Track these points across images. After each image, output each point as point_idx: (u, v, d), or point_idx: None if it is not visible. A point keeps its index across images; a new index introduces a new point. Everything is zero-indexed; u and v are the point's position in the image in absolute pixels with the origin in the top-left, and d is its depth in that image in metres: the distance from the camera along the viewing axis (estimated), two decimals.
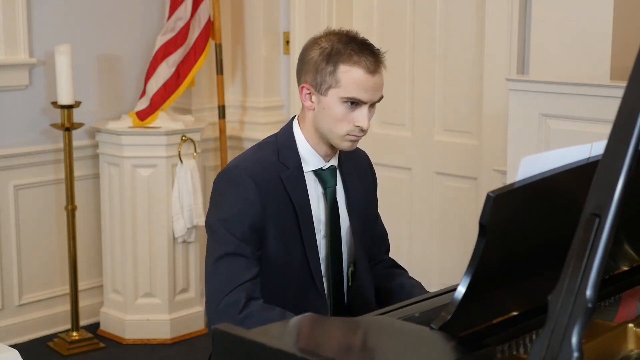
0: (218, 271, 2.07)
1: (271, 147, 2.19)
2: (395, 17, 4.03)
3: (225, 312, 2.02)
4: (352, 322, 1.57)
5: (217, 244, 2.10)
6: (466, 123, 3.82)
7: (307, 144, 2.18)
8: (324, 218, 2.21)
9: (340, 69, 2.08)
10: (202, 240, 4.29)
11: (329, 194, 2.21)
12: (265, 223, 2.10)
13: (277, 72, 4.44)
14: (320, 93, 2.11)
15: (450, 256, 3.91)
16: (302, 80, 2.16)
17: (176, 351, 4.05)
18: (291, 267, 2.15)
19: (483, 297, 1.47)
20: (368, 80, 2.08)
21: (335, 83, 2.09)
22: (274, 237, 2.12)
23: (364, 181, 2.34)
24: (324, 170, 2.21)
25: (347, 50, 2.08)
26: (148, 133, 4.03)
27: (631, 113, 1.13)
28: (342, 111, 2.10)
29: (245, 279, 2.04)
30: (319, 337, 1.53)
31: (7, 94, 3.95)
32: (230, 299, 2.02)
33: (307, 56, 2.14)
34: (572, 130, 2.93)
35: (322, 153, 2.19)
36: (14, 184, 4.00)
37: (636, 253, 1.83)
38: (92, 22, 4.17)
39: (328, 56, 2.09)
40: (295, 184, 2.15)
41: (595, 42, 3.21)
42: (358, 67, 2.08)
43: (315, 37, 2.16)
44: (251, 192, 2.08)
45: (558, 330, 1.10)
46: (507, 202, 1.37)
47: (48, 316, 4.16)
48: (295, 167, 2.16)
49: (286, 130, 2.21)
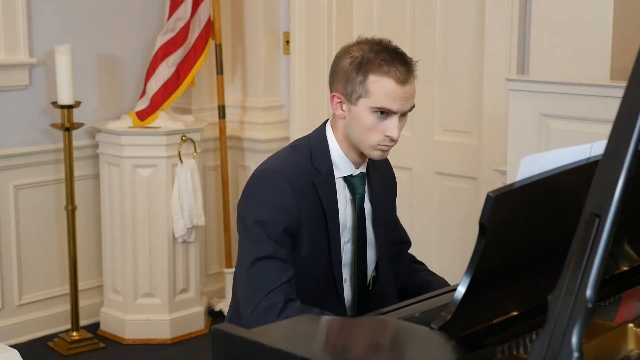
0: (254, 274, 2.06)
1: (304, 150, 2.18)
2: (395, 17, 4.03)
3: (264, 315, 2.01)
4: (352, 322, 1.57)
5: (253, 246, 2.09)
6: (466, 123, 3.82)
7: (340, 150, 2.18)
8: (349, 224, 2.21)
9: (370, 79, 2.07)
10: (202, 240, 4.29)
11: (358, 201, 2.21)
12: (299, 226, 2.10)
13: (277, 72, 4.44)
14: (350, 102, 2.11)
15: (450, 256, 3.91)
16: (334, 89, 2.16)
17: (176, 351, 4.05)
18: (316, 270, 2.15)
19: (483, 297, 1.47)
20: (398, 90, 2.07)
21: (365, 93, 2.08)
22: (305, 240, 2.12)
23: (388, 188, 2.35)
24: (354, 177, 2.21)
25: (377, 60, 2.07)
26: (148, 133, 4.03)
27: (631, 113, 1.13)
28: (372, 121, 2.09)
29: (282, 281, 2.05)
30: (319, 337, 1.53)
31: (7, 94, 3.95)
32: (269, 302, 2.02)
33: (339, 65, 2.14)
34: (572, 130, 2.93)
35: (353, 160, 2.19)
36: (14, 184, 4.00)
37: (636, 253, 1.83)
38: (92, 22, 4.17)
39: (359, 65, 2.08)
40: (326, 189, 2.15)
41: (595, 42, 3.21)
42: (388, 77, 2.07)
43: (348, 45, 2.16)
44: (288, 196, 2.08)
45: (558, 330, 1.10)
46: (507, 202, 1.37)
47: (48, 316, 4.16)
48: (327, 173, 2.16)
49: (319, 134, 2.21)
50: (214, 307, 4.41)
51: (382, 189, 2.30)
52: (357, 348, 1.49)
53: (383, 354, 1.42)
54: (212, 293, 4.47)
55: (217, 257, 4.56)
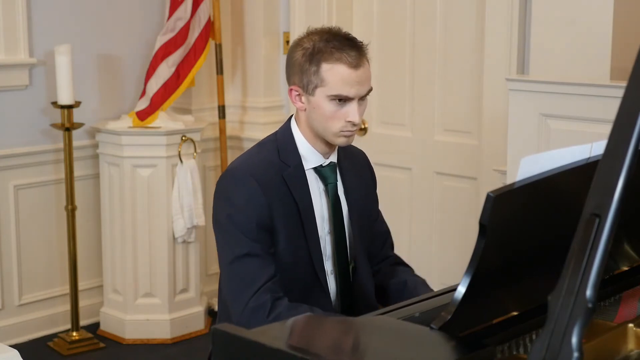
0: (235, 273, 2.09)
1: (271, 147, 2.21)
2: (395, 17, 4.03)
3: (253, 316, 2.04)
4: (352, 322, 1.57)
5: (230, 245, 2.12)
6: (466, 123, 3.82)
7: (306, 142, 2.20)
8: (327, 214, 2.23)
9: (323, 67, 2.10)
10: (202, 240, 4.29)
11: (331, 190, 2.23)
12: (273, 222, 2.12)
13: (277, 72, 4.44)
14: (308, 93, 2.14)
15: (450, 256, 3.91)
16: (291, 82, 2.19)
17: (176, 351, 4.05)
18: (297, 264, 2.17)
19: (483, 297, 1.47)
20: (352, 75, 2.09)
21: (321, 82, 2.11)
22: (282, 235, 2.14)
23: (362, 178, 2.36)
24: (324, 167, 2.23)
25: (328, 48, 2.10)
26: (148, 133, 4.03)
27: (631, 113, 1.13)
28: (331, 109, 2.11)
29: (265, 280, 2.07)
30: (318, 337, 1.53)
31: (7, 94, 3.95)
32: (256, 302, 2.05)
33: (292, 58, 2.17)
34: (572, 130, 2.93)
35: (321, 150, 2.21)
36: (14, 184, 4.00)
37: (636, 253, 1.83)
38: (92, 22, 4.17)
39: (311, 56, 2.11)
40: (297, 182, 2.17)
41: (595, 42, 3.21)
42: (340, 64, 2.09)
43: (298, 38, 2.19)
44: (257, 193, 2.10)
45: (558, 330, 1.10)
46: (507, 202, 1.37)
47: (48, 316, 4.16)
48: (296, 166, 2.18)
49: (285, 129, 2.23)
50: (214, 307, 4.41)
51: (357, 181, 2.31)
52: (356, 348, 1.49)
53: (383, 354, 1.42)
54: (212, 293, 4.47)
55: (217, 257, 4.55)
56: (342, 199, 2.26)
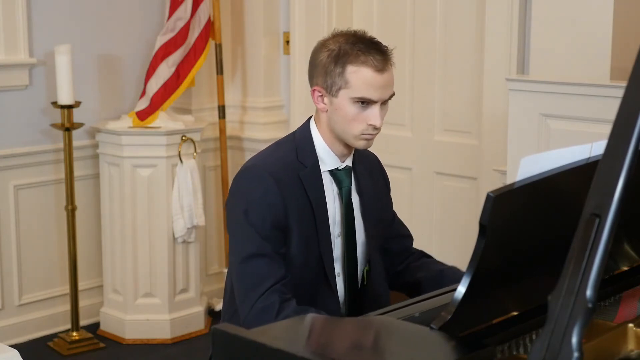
0: (246, 272, 2.09)
1: (289, 146, 2.21)
2: (395, 17, 4.03)
3: (260, 316, 2.03)
4: (352, 322, 1.57)
5: (243, 243, 2.11)
6: (466, 123, 3.82)
7: (324, 143, 2.20)
8: (339, 217, 2.23)
9: (349, 70, 2.10)
10: (202, 240, 4.29)
11: (344, 194, 2.23)
12: (288, 221, 2.12)
13: (277, 72, 4.44)
14: (331, 95, 2.14)
15: (450, 256, 3.90)
16: (313, 83, 2.18)
17: (176, 351, 4.05)
18: (307, 264, 2.17)
19: (483, 297, 1.47)
20: (376, 79, 2.10)
21: (345, 84, 2.11)
22: (295, 234, 2.14)
23: (376, 183, 2.36)
24: (339, 170, 2.23)
25: (354, 51, 2.10)
26: (148, 133, 4.03)
27: (631, 113, 1.13)
28: (354, 111, 2.12)
29: (275, 280, 2.07)
30: (318, 337, 1.53)
31: (7, 94, 3.95)
32: (264, 303, 2.05)
33: (317, 59, 2.16)
34: (572, 130, 2.93)
35: (339, 153, 2.22)
36: (14, 184, 4.00)
37: (636, 253, 1.83)
38: (92, 22, 4.17)
39: (336, 57, 2.11)
40: (313, 182, 2.17)
41: (595, 42, 3.21)
42: (366, 67, 2.10)
43: (324, 40, 2.19)
44: (273, 191, 2.10)
45: (558, 330, 1.10)
46: (507, 202, 1.37)
47: (48, 316, 4.16)
48: (312, 166, 2.18)
49: (304, 129, 2.24)
50: (214, 307, 4.41)
51: (371, 185, 2.32)
52: (357, 348, 1.49)
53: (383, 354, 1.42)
54: (212, 293, 4.47)
55: (217, 257, 4.56)
56: (356, 204, 2.27)
